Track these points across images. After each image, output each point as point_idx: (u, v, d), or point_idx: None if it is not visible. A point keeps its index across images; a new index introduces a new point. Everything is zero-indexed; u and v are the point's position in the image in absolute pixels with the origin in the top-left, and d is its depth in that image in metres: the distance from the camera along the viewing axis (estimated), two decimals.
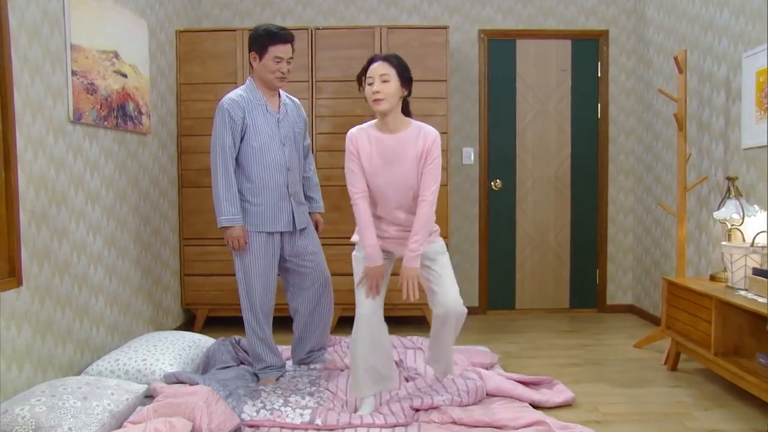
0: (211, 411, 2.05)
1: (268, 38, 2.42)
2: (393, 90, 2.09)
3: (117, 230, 2.97)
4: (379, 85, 2.09)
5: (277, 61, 2.42)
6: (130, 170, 3.12)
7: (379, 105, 2.10)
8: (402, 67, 2.13)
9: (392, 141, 2.13)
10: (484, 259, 4.23)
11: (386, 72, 2.10)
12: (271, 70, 2.43)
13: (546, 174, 4.23)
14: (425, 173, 2.12)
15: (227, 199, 2.37)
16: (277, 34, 2.43)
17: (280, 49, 2.43)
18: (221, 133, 2.41)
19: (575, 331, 3.74)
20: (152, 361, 2.55)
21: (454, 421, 2.13)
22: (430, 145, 2.12)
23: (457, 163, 4.19)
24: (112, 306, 2.90)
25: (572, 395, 2.47)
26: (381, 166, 2.14)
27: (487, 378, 2.46)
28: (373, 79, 2.10)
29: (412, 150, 2.12)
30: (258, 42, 2.44)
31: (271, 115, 2.47)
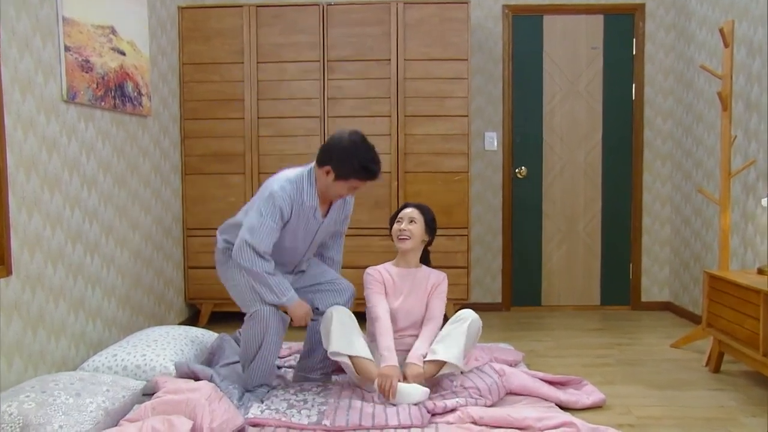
0: (213, 409, 2.05)
1: (358, 173, 2.24)
2: (418, 232, 2.47)
3: (115, 218, 2.95)
4: (407, 225, 2.47)
5: (352, 189, 2.33)
6: (130, 154, 3.10)
7: (404, 243, 2.47)
8: (430, 216, 2.52)
9: (411, 275, 2.51)
10: (508, 252, 4.20)
11: (415, 217, 2.48)
12: (339, 193, 2.33)
13: (575, 160, 4.18)
14: (434, 300, 2.49)
15: (279, 282, 2.29)
16: (371, 172, 2.26)
17: (363, 185, 2.33)
18: (269, 226, 2.24)
19: (606, 329, 3.70)
20: (152, 356, 2.53)
21: (474, 420, 2.10)
22: (441, 281, 2.52)
23: (478, 149, 4.15)
24: (109, 299, 2.88)
25: (603, 396, 2.44)
26: (398, 294, 2.47)
27: (510, 375, 2.45)
28: (402, 221, 2.48)
29: (425, 284, 2.50)
30: (341, 167, 2.23)
31: (316, 220, 2.40)
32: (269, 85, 3.67)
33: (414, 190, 3.65)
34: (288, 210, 2.27)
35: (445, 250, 3.62)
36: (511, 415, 2.09)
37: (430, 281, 2.52)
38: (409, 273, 2.50)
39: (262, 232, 2.24)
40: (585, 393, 2.44)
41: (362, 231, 3.61)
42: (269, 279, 2.28)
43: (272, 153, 3.70)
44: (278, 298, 2.31)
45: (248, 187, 3.70)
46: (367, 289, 2.48)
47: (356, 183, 2.30)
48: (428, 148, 3.66)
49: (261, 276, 2.28)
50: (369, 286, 2.48)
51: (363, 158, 2.24)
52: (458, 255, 3.67)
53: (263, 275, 2.28)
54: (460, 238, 3.67)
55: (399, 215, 2.50)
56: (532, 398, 2.37)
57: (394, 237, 2.48)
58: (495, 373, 2.44)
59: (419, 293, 2.50)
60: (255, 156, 3.68)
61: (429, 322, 2.46)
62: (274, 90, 3.67)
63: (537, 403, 2.32)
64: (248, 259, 2.25)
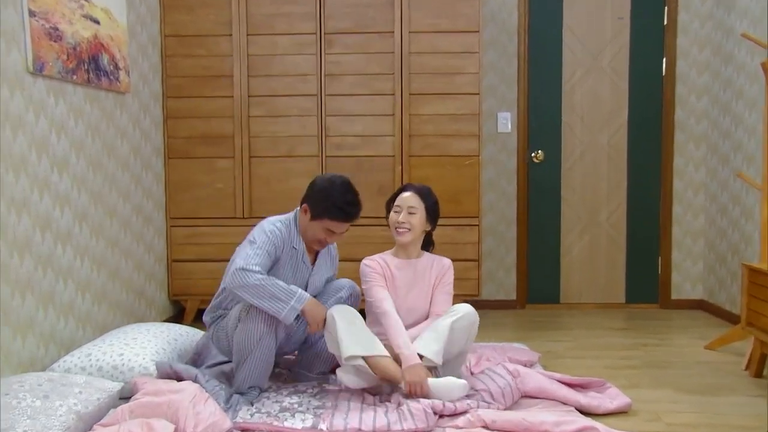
0: (198, 412, 2.05)
1: (330, 213, 2.33)
2: (418, 223, 2.41)
3: (90, 204, 2.92)
4: (406, 216, 2.40)
5: (329, 233, 2.39)
6: (106, 134, 3.07)
7: (403, 236, 2.42)
8: (432, 202, 2.44)
9: (411, 267, 2.46)
10: (523, 244, 4.19)
11: (415, 205, 2.41)
12: (316, 237, 2.41)
13: (598, 143, 4.16)
14: (439, 293, 2.46)
15: (281, 286, 2.27)
16: (344, 213, 2.34)
17: (338, 226, 2.38)
18: (262, 253, 2.31)
19: (632, 329, 3.70)
20: (130, 356, 2.51)
21: (486, 425, 2.08)
22: (446, 271, 2.48)
23: (491, 132, 4.13)
24: (83, 293, 2.85)
25: (628, 401, 2.41)
26: (398, 289, 2.44)
27: (525, 376, 2.43)
28: (400, 209, 2.42)
29: (428, 275, 2.47)
30: (316, 207, 2.36)
31: (306, 266, 2.46)
32: (260, 60, 3.64)
33: (420, 175, 3.62)
34: (280, 245, 2.37)
35: (454, 241, 3.61)
36: (527, 419, 2.07)
37: (434, 271, 2.48)
38: (410, 264, 2.47)
39: (255, 257, 2.29)
40: (608, 397, 2.42)
41: (362, 220, 3.47)
42: (269, 286, 2.24)
43: (264, 135, 3.67)
44: (287, 303, 2.24)
45: (237, 172, 3.67)
46: (367, 282, 2.43)
47: (330, 224, 2.36)
48: (435, 130, 3.64)
49: (259, 287, 2.23)
50: (368, 278, 2.43)
51: (339, 199, 2.34)
52: (468, 247, 3.65)
53: (261, 284, 2.24)
54: (470, 229, 3.65)
55: (397, 202, 2.44)
56: (550, 402, 2.35)
57: (391, 227, 2.44)
58: (508, 374, 2.43)
59: (422, 286, 2.47)
60: (245, 138, 3.66)
61: (431, 319, 2.43)
62: (265, 65, 3.64)
63: (555, 407, 2.30)
64: (241, 278, 2.25)
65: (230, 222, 3.67)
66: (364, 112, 3.65)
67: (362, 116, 3.65)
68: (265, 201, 3.67)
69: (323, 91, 3.64)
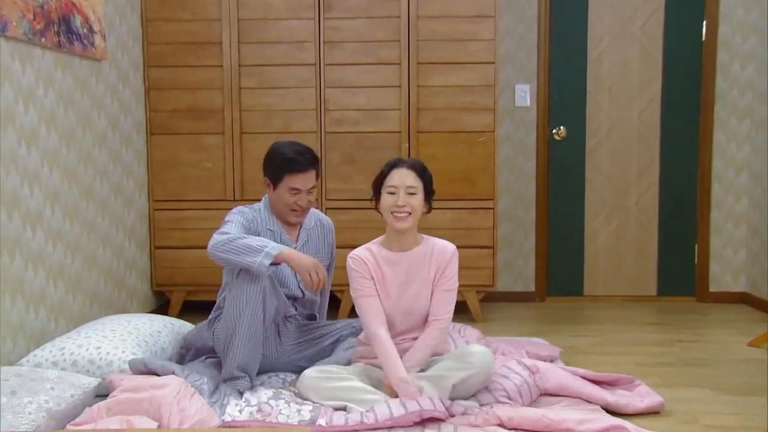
0: (183, 408, 2.06)
1: (282, 167, 2.49)
2: (419, 204, 2.28)
3: (62, 183, 2.89)
4: (405, 198, 2.26)
5: (293, 192, 2.49)
6: (80, 106, 3.04)
7: (403, 222, 2.27)
8: (429, 179, 2.33)
9: (404, 261, 2.33)
10: (543, 230, 4.18)
11: (414, 184, 2.27)
12: (285, 203, 2.52)
13: (627, 118, 4.14)
14: (440, 291, 2.32)
15: (256, 238, 2.37)
16: (294, 161, 2.49)
17: (298, 180, 2.49)
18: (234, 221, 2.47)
19: (665, 323, 3.70)
20: (109, 349, 2.50)
21: (502, 422, 2.07)
22: (448, 261, 2.33)
23: (507, 105, 4.11)
24: (55, 282, 2.83)
25: (660, 399, 2.39)
26: (392, 290, 2.32)
27: (545, 372, 2.41)
28: (396, 189, 2.26)
29: (426, 269, 2.32)
30: (271, 170, 2.53)
31: (288, 245, 2.50)
32: (252, 25, 3.61)
33: (429, 152, 3.60)
34: (252, 220, 2.52)
35: (467, 226, 3.60)
36: (547, 416, 2.06)
37: (434, 263, 2.32)
38: (404, 258, 2.33)
39: (226, 226, 2.45)
40: (638, 395, 2.40)
41: (361, 203, 3.50)
42: (244, 239, 2.34)
43: (257, 108, 3.65)
44: (262, 250, 2.30)
45: (227, 150, 3.66)
46: (354, 289, 2.31)
47: (289, 180, 2.49)
48: (446, 103, 3.62)
49: (232, 242, 2.33)
50: (356, 285, 2.30)
51: (288, 151, 2.51)
52: (482, 232, 3.63)
53: (234, 239, 2.34)
54: (484, 212, 3.63)
55: (390, 182, 2.28)
56: (572, 400, 2.33)
57: (385, 213, 2.29)
58: (525, 369, 2.41)
59: (420, 282, 2.33)
60: (236, 112, 3.64)
61: (430, 326, 2.31)
62: (258, 31, 3.62)
63: (578, 405, 2.28)
64: (214, 239, 2.37)
65: (220, 205, 3.63)
66: (367, 83, 3.62)
67: (365, 88, 3.63)
68: (258, 182, 3.54)
69: (322, 60, 3.61)
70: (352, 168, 3.64)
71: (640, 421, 2.22)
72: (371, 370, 2.35)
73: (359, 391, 2.22)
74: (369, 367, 2.36)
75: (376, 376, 2.33)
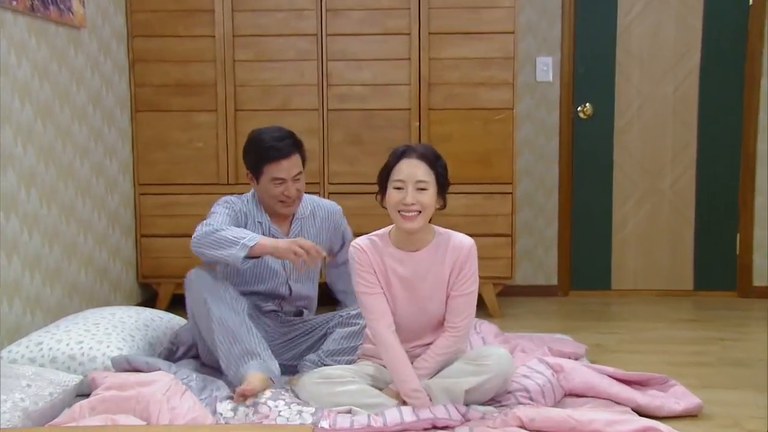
0: (174, 407, 2.08)
1: (261, 157, 2.51)
2: (431, 200, 2.17)
3: (38, 163, 2.89)
4: (414, 195, 2.14)
5: (278, 183, 2.50)
6: (57, 78, 3.03)
7: (412, 223, 2.16)
8: (442, 169, 2.21)
9: (414, 261, 2.24)
10: (566, 217, 4.18)
11: (425, 178, 2.16)
12: (272, 195, 2.53)
13: (660, 93, 4.11)
14: (457, 295, 2.24)
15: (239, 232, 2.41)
16: (272, 148, 2.49)
17: (280, 168, 2.49)
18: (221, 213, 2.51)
19: (703, 320, 3.69)
20: (92, 344, 2.50)
21: (523, 424, 2.07)
22: (465, 258, 2.23)
23: (528, 80, 4.10)
24: (32, 272, 2.83)
25: (698, 401, 2.40)
26: (399, 292, 2.26)
27: (570, 371, 2.41)
28: (404, 184, 2.16)
29: (440, 267, 2.24)
30: (250, 162, 2.56)
31: (276, 238, 2.51)
32: None
33: (441, 132, 3.60)
34: (239, 211, 2.56)
35: (483, 212, 3.59)
36: (573, 417, 2.06)
37: (448, 261, 2.23)
38: (413, 258, 2.25)
39: (211, 217, 2.49)
40: (673, 396, 2.40)
41: (368, 187, 3.45)
42: (222, 232, 2.37)
43: (252, 83, 3.65)
44: (238, 241, 2.33)
45: (221, 129, 3.66)
46: (357, 284, 2.25)
47: (271, 169, 2.50)
48: (460, 77, 3.62)
49: (212, 235, 2.37)
50: (358, 279, 2.24)
51: (267, 138, 2.51)
52: (499, 219, 3.63)
53: (214, 232, 2.38)
54: (501, 197, 3.63)
55: (397, 175, 2.17)
56: (600, 401, 2.34)
57: (391, 210, 2.18)
58: (548, 368, 2.40)
59: (434, 281, 2.25)
60: (230, 87, 3.64)
61: (446, 335, 2.25)
62: None
63: (606, 407, 2.29)
64: (196, 233, 2.43)
65: (212, 189, 3.64)
66: (373, 55, 3.62)
67: (372, 61, 3.62)
68: None
69: (324, 30, 3.61)
70: (357, 149, 3.63)
71: (676, 424, 2.22)
72: (379, 369, 2.33)
73: (364, 395, 2.21)
74: (377, 366, 2.34)
75: (384, 376, 2.31)
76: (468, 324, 2.28)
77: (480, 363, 2.22)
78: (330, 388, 2.22)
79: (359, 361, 2.41)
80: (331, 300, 2.95)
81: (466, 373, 2.20)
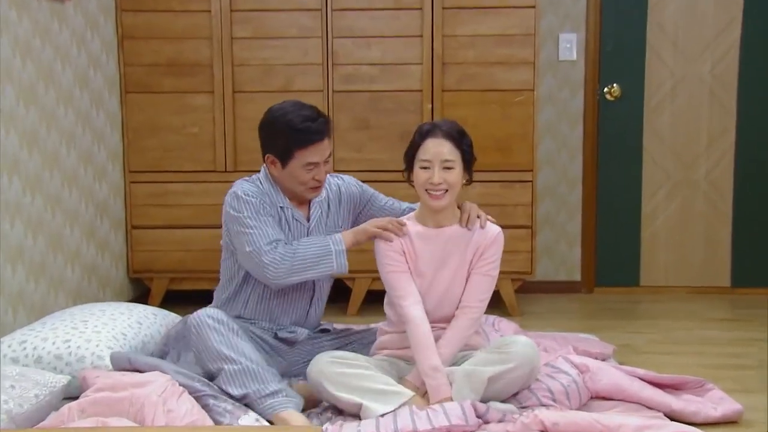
0: (170, 409, 2.09)
1: (292, 141, 2.42)
2: (457, 180, 2.33)
3: (21, 149, 2.90)
4: (441, 174, 2.29)
5: (309, 168, 2.45)
6: (40, 56, 3.04)
7: (440, 201, 2.31)
8: (468, 147, 2.36)
9: (441, 238, 2.38)
10: (591, 209, 4.19)
11: (452, 157, 2.31)
12: (301, 181, 2.47)
13: (696, 73, 4.11)
14: (476, 273, 2.37)
15: (312, 246, 2.43)
16: (306, 131, 2.42)
17: (314, 153, 2.43)
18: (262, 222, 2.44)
19: (742, 320, 3.70)
20: (80, 343, 2.51)
21: (546, 428, 2.08)
22: (490, 242, 2.38)
23: (549, 58, 4.11)
24: (13, 266, 2.84)
25: (738, 407, 2.39)
26: (425, 271, 2.38)
27: (597, 372, 2.41)
28: (431, 164, 2.30)
29: (464, 248, 2.38)
30: (277, 145, 2.46)
31: (301, 224, 2.54)
32: None
33: (455, 115, 3.50)
34: (267, 202, 2.48)
35: (500, 202, 3.60)
36: (600, 422, 2.06)
37: (474, 241, 2.37)
38: (440, 235, 2.38)
39: (260, 230, 2.40)
40: (710, 401, 2.41)
41: (382, 175, 3.58)
42: (299, 250, 2.39)
43: (252, 63, 3.66)
44: (329, 252, 2.39)
45: (218, 113, 3.67)
46: (384, 264, 2.37)
47: (303, 155, 2.42)
48: (476, 56, 3.63)
49: (294, 261, 2.36)
50: (386, 261, 2.37)
51: (296, 119, 2.41)
52: (518, 210, 3.65)
53: (293, 257, 2.37)
54: (521, 186, 3.65)
55: (423, 155, 2.32)
56: (629, 404, 2.35)
57: (418, 188, 2.34)
58: (573, 368, 2.41)
59: (457, 263, 2.37)
60: (227, 67, 3.65)
61: (460, 316, 2.36)
62: None
63: (636, 411, 2.30)
64: (276, 264, 2.37)
65: (208, 177, 3.67)
66: (383, 32, 3.63)
67: (381, 38, 3.63)
68: (254, 150, 3.50)
69: (329, 5, 3.62)
70: (365, 134, 3.64)
71: (713, 431, 2.26)
72: (395, 363, 2.37)
73: (377, 381, 2.24)
74: (392, 359, 2.38)
75: (399, 370, 2.36)
76: (482, 307, 2.39)
77: (504, 351, 2.28)
78: (342, 368, 2.27)
79: (375, 354, 2.46)
80: None
81: (490, 362, 2.26)
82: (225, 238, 2.54)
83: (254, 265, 2.38)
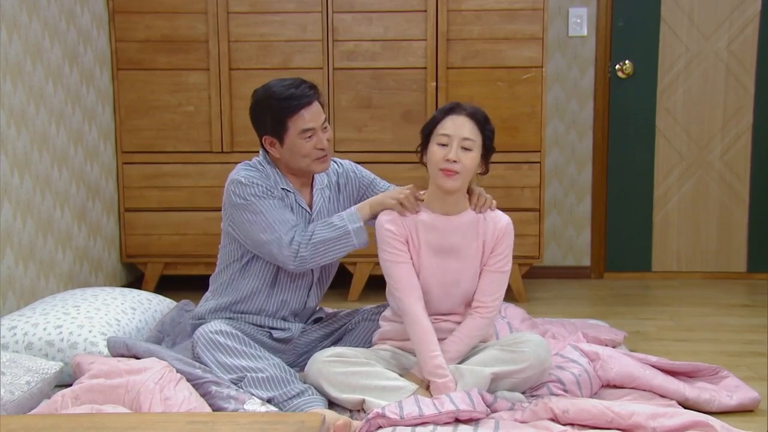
0: (167, 397, 2.10)
1: (281, 111, 2.43)
2: (473, 163, 2.27)
3: (8, 129, 2.89)
4: (458, 153, 2.23)
5: (308, 136, 2.44)
6: (27, 32, 3.03)
7: (452, 180, 2.25)
8: (490, 134, 2.31)
9: (449, 226, 2.33)
10: (601, 192, 4.21)
11: (472, 137, 2.25)
12: (304, 153, 2.46)
13: (711, 49, 4.11)
14: (489, 272, 2.34)
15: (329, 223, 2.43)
16: (292, 96, 2.43)
17: (306, 118, 2.43)
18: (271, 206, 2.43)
19: (758, 306, 3.70)
20: (72, 329, 2.52)
21: (556, 416, 2.09)
22: (501, 234, 2.34)
23: (559, 35, 4.10)
24: (2, 249, 2.85)
25: (755, 395, 2.40)
26: (428, 259, 2.34)
27: (608, 359, 2.42)
28: (449, 140, 2.25)
29: (473, 237, 2.34)
30: (268, 122, 2.46)
31: (303, 209, 2.54)
32: None
33: (461, 93, 3.59)
34: (271, 185, 2.48)
35: (507, 184, 3.61)
36: (611, 409, 2.05)
37: (483, 231, 2.33)
38: (449, 222, 2.33)
39: (273, 216, 2.40)
40: (725, 389, 2.41)
41: (383, 156, 3.61)
42: (317, 234, 2.38)
43: (249, 38, 3.65)
44: (348, 232, 2.38)
45: (214, 91, 3.66)
46: (384, 253, 2.33)
47: (297, 122, 2.43)
48: (482, 32, 3.62)
49: (317, 246, 2.37)
50: (387, 249, 2.32)
51: (280, 90, 2.44)
52: (526, 193, 3.65)
53: (315, 241, 2.37)
54: (528, 168, 3.66)
55: (442, 129, 2.27)
56: (641, 393, 2.36)
57: (431, 166, 2.28)
58: (583, 356, 2.41)
59: (467, 251, 2.33)
60: (223, 43, 3.64)
61: (474, 315, 2.33)
62: None
63: (649, 399, 2.31)
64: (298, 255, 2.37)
65: (204, 158, 3.68)
66: (385, 7, 3.61)
67: (383, 13, 3.61)
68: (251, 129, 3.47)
69: None
70: (366, 113, 3.64)
71: (729, 420, 2.21)
72: (398, 355, 2.36)
73: (380, 377, 2.23)
74: (395, 351, 2.37)
75: (403, 362, 2.34)
76: (496, 306, 2.35)
77: (516, 350, 2.27)
78: (343, 367, 2.25)
79: (376, 345, 2.44)
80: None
81: (501, 361, 2.25)
82: (225, 225, 2.53)
83: (273, 252, 2.38)
